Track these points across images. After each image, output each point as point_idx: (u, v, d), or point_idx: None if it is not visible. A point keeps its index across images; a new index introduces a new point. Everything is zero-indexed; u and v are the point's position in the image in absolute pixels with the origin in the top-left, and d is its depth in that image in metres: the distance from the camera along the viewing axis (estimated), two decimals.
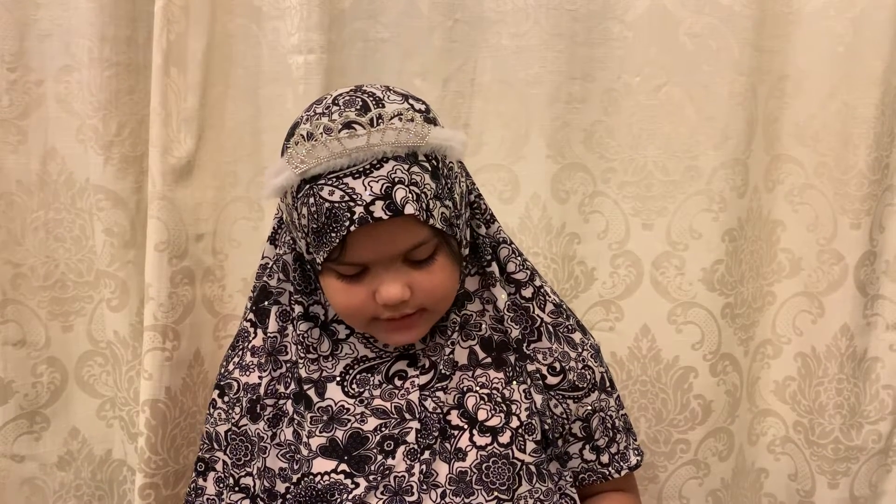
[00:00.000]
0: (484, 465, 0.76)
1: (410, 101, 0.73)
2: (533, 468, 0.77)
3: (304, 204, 0.69)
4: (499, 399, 0.78)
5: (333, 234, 0.67)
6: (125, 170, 1.02)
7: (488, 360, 0.80)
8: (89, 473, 1.10)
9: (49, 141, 1.03)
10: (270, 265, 0.82)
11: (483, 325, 0.80)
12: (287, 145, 0.71)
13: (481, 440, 0.76)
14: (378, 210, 0.66)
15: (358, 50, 1.04)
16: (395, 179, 0.67)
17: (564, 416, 0.80)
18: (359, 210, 0.66)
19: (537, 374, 0.79)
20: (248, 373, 0.82)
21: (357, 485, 0.75)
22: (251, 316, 0.83)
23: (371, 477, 0.75)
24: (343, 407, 0.78)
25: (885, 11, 0.99)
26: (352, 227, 0.66)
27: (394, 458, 0.75)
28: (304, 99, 1.01)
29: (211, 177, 1.02)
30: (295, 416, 0.78)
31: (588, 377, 0.81)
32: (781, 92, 1.05)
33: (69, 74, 1.02)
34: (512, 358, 0.79)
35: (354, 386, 0.78)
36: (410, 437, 0.76)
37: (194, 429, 1.02)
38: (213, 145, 1.02)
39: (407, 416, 0.77)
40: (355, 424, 0.77)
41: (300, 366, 0.79)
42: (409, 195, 0.67)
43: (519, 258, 0.82)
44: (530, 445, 0.77)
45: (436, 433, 0.76)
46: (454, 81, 1.06)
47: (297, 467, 0.77)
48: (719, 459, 1.11)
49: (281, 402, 0.80)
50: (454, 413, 0.77)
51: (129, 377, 1.06)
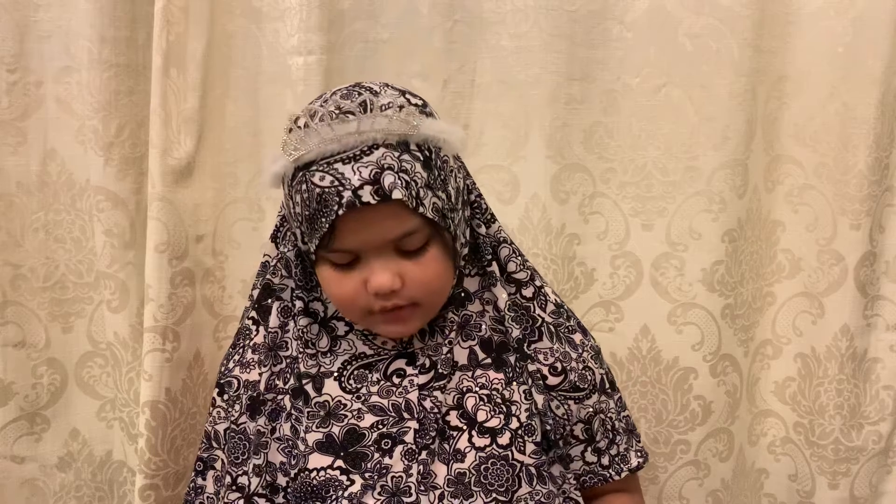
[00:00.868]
0: (483, 467, 0.75)
1: (408, 95, 0.74)
2: (533, 470, 0.76)
3: (298, 191, 0.70)
4: (498, 400, 0.78)
5: (323, 220, 0.68)
6: (125, 171, 1.02)
7: (488, 360, 0.80)
8: (89, 474, 1.10)
9: (49, 142, 1.03)
10: (273, 263, 0.82)
11: (483, 326, 0.80)
12: (285, 130, 0.72)
13: (480, 441, 0.76)
14: (366, 195, 0.67)
15: (357, 51, 1.04)
16: (385, 165, 0.68)
17: (566, 417, 0.80)
18: (347, 194, 0.67)
19: (538, 374, 0.79)
20: (248, 370, 0.82)
21: (353, 482, 0.75)
22: (253, 313, 0.83)
23: (367, 475, 0.75)
24: (340, 402, 0.78)
25: (884, 12, 0.99)
26: (340, 212, 0.67)
27: (391, 457, 0.75)
28: (304, 100, 1.00)
29: (211, 178, 1.02)
30: (293, 412, 0.78)
31: (589, 378, 0.81)
32: (781, 92, 1.05)
33: (69, 76, 1.02)
34: (512, 358, 0.79)
35: (352, 382, 0.78)
36: (408, 437, 0.75)
37: (194, 430, 1.02)
38: (212, 146, 1.02)
39: (405, 415, 0.76)
40: (352, 421, 0.77)
41: (299, 360, 0.79)
42: (398, 181, 0.67)
43: (519, 258, 0.82)
44: (530, 447, 0.77)
45: (434, 434, 0.76)
46: (454, 82, 1.06)
47: (294, 462, 0.77)
48: (719, 460, 1.11)
49: (279, 396, 0.80)
50: (453, 414, 0.77)
51: (129, 378, 1.06)
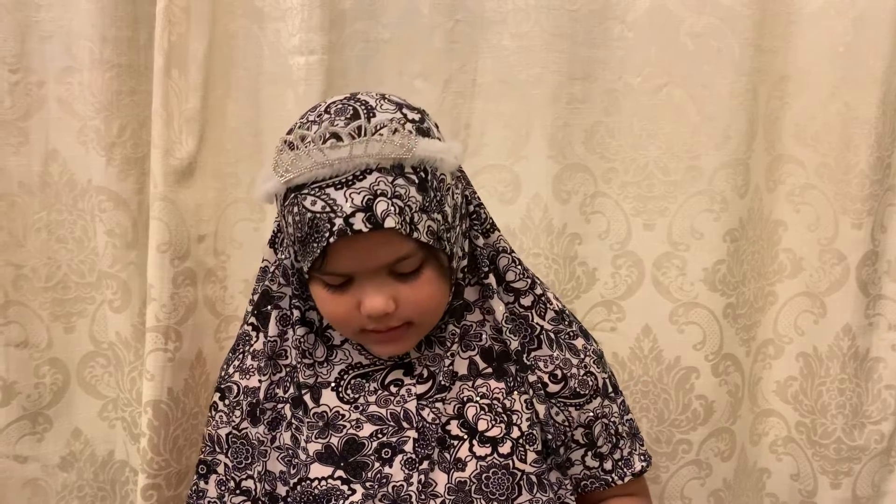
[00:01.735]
0: (483, 476, 0.75)
1: (405, 109, 0.71)
2: (534, 478, 0.76)
3: (290, 212, 0.68)
4: (499, 409, 0.77)
5: (315, 245, 0.67)
6: (127, 171, 1.02)
7: (489, 370, 0.79)
8: (92, 474, 1.10)
9: (51, 142, 1.03)
10: (272, 269, 0.82)
11: (483, 336, 0.79)
12: (276, 149, 0.71)
13: (481, 450, 0.76)
14: (358, 222, 0.65)
15: (359, 51, 1.04)
16: (378, 191, 0.66)
17: (566, 423, 0.80)
18: (338, 222, 0.65)
19: (539, 384, 0.79)
20: (248, 376, 0.82)
21: (353, 491, 0.74)
22: (253, 319, 0.83)
23: (368, 484, 0.74)
24: (338, 413, 0.77)
25: (885, 11, 0.99)
26: (331, 239, 0.66)
27: (391, 466, 0.75)
28: (305, 100, 1.01)
29: (212, 178, 1.02)
30: (293, 421, 0.78)
31: (590, 383, 0.81)
32: (782, 92, 1.05)
33: (70, 76, 1.02)
34: (513, 368, 0.79)
35: (349, 391, 0.78)
36: (408, 447, 0.75)
37: (196, 429, 1.02)
38: (214, 146, 1.02)
39: (404, 424, 0.76)
40: (351, 430, 0.76)
41: (298, 370, 0.79)
42: (392, 208, 0.66)
43: (519, 267, 0.81)
44: (531, 456, 0.77)
45: (434, 444, 0.75)
46: (455, 82, 1.06)
47: (294, 471, 0.77)
48: (721, 460, 1.11)
49: (279, 405, 0.80)
50: (454, 423, 0.77)
51: (131, 378, 1.06)
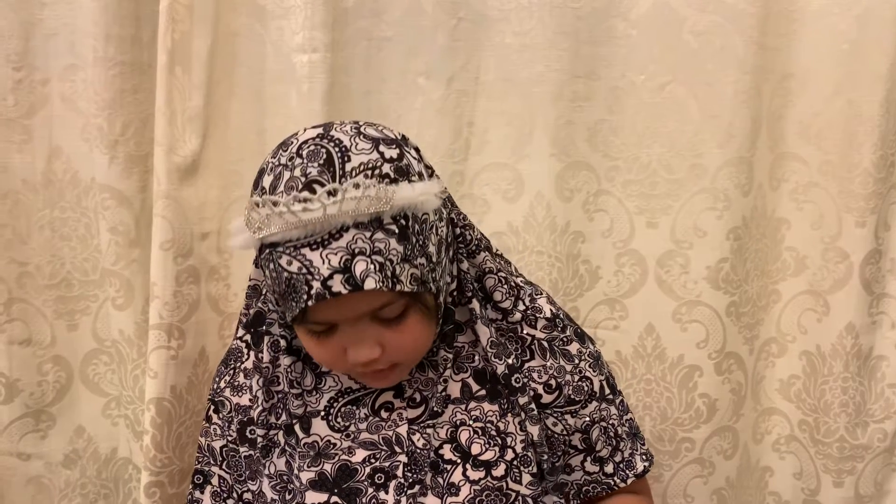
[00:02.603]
0: (477, 500, 0.74)
1: (381, 147, 0.67)
2: (530, 500, 0.76)
3: (267, 267, 0.67)
4: (493, 432, 0.76)
5: (293, 304, 0.65)
6: (130, 169, 1.02)
7: (482, 392, 0.78)
8: (95, 472, 1.10)
9: (54, 140, 1.04)
10: (263, 291, 0.80)
11: (476, 357, 0.78)
12: (248, 202, 0.68)
13: (475, 475, 0.75)
14: (336, 284, 0.63)
15: (362, 49, 1.04)
16: (356, 251, 0.63)
17: (565, 432, 0.79)
18: (316, 285, 0.63)
19: (530, 406, 0.77)
20: (239, 394, 0.81)
21: None
22: (247, 337, 0.82)
23: None
24: (329, 442, 0.77)
25: (889, 9, 0.99)
26: (310, 302, 0.64)
27: (387, 492, 0.74)
28: (308, 98, 1.01)
29: (216, 175, 1.02)
30: (286, 448, 0.78)
31: (585, 389, 0.80)
32: (786, 90, 1.05)
33: (74, 73, 1.02)
34: (506, 391, 0.78)
35: (339, 420, 0.77)
36: (399, 472, 0.75)
37: (199, 427, 1.02)
38: (217, 144, 1.02)
39: (396, 448, 0.76)
40: (343, 457, 0.76)
41: (288, 398, 0.78)
42: (371, 266, 0.63)
43: (505, 286, 0.79)
44: (526, 478, 0.76)
45: (426, 468, 0.75)
46: (458, 80, 1.06)
47: (290, 497, 0.76)
48: (724, 458, 1.11)
49: (272, 432, 0.79)
50: (447, 447, 0.76)
51: (134, 375, 1.06)
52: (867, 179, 1.02)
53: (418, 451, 0.75)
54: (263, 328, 0.80)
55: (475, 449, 0.76)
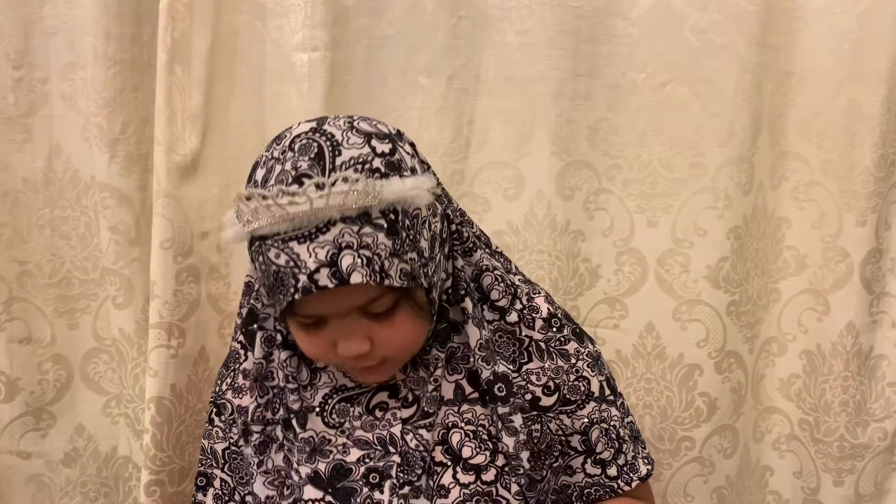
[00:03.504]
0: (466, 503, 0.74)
1: (374, 141, 0.67)
2: None
3: (256, 259, 0.67)
4: (485, 436, 0.76)
5: (281, 297, 0.65)
6: (130, 167, 1.02)
7: (475, 395, 0.77)
8: (95, 470, 1.10)
9: (54, 139, 1.04)
10: (257, 287, 0.80)
11: (471, 358, 0.76)
12: (239, 195, 0.67)
13: (465, 478, 0.74)
14: (323, 278, 0.62)
15: (362, 47, 1.04)
16: (342, 245, 0.63)
17: (560, 431, 0.79)
18: (303, 278, 0.63)
19: (510, 418, 0.75)
20: (240, 395, 0.81)
21: None
22: (241, 338, 0.82)
23: None
24: (324, 438, 0.76)
25: (890, 8, 0.99)
26: (297, 296, 0.63)
27: (381, 492, 0.74)
28: (309, 96, 1.01)
29: (216, 174, 1.02)
30: (285, 442, 0.78)
31: (581, 388, 0.79)
32: (787, 89, 1.05)
33: (74, 72, 1.02)
34: (486, 397, 0.76)
35: (335, 416, 0.77)
36: (394, 472, 0.74)
37: (199, 426, 1.02)
38: (217, 143, 1.02)
39: (390, 448, 0.75)
40: (338, 456, 0.76)
41: (286, 393, 0.78)
42: (359, 260, 0.63)
43: (502, 284, 0.78)
44: (514, 487, 0.75)
45: (419, 470, 0.74)
46: (458, 78, 1.06)
47: (287, 492, 0.76)
48: (724, 457, 1.11)
49: (269, 427, 0.79)
50: (438, 449, 0.75)
51: (134, 374, 1.06)
52: (868, 178, 1.02)
53: (411, 451, 0.75)
54: (255, 325, 0.80)
55: (466, 452, 0.75)
